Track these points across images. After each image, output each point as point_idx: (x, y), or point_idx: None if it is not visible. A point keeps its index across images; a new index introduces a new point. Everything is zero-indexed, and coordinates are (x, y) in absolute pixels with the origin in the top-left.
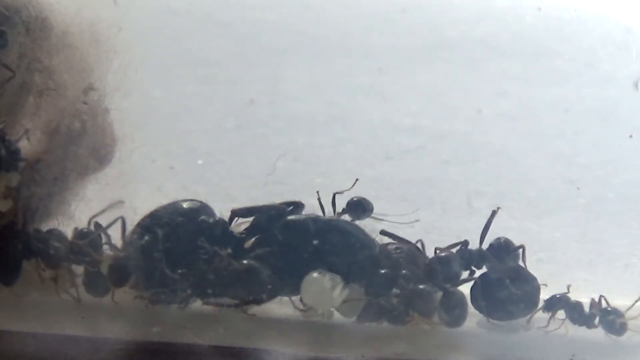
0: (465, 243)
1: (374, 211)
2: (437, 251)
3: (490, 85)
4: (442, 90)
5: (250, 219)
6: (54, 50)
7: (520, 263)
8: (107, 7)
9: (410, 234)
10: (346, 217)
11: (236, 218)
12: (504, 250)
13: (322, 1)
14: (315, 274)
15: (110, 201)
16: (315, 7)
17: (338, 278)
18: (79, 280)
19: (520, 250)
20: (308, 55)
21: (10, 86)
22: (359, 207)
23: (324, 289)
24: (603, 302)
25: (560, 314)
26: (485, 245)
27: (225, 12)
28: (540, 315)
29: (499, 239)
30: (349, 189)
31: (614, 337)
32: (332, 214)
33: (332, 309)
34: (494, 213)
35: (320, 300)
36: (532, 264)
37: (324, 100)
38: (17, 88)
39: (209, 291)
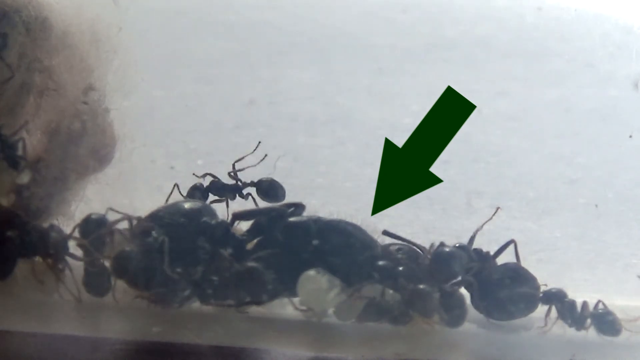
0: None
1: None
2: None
3: (490, 85)
4: (442, 90)
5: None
6: (54, 50)
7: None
8: (107, 7)
9: (410, 234)
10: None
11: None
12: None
13: (322, 1)
14: (312, 272)
15: (110, 201)
16: (315, 7)
17: (337, 281)
18: (80, 280)
19: (513, 246)
20: (308, 55)
21: (10, 86)
22: (271, 190)
23: (319, 288)
24: (600, 305)
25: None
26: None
27: (225, 12)
28: (542, 316)
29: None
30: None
31: (608, 338)
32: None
33: (327, 310)
34: (484, 223)
35: (314, 299)
36: (532, 264)
37: (324, 100)
38: (17, 88)
39: (210, 292)
